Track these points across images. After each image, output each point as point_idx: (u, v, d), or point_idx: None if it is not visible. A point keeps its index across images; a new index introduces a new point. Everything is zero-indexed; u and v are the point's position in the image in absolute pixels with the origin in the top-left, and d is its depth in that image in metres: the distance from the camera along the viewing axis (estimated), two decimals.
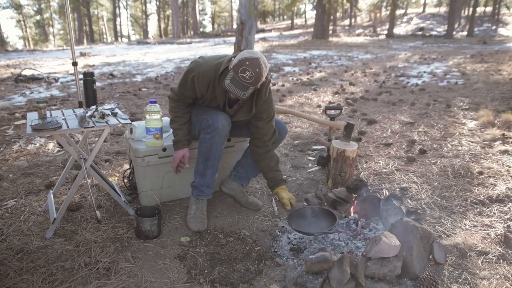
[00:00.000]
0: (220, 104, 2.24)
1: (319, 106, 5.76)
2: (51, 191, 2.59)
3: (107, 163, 3.37)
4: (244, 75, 1.94)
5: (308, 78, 8.59)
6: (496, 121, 4.50)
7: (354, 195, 2.46)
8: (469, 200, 2.63)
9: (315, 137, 4.02)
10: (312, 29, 23.90)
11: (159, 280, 1.84)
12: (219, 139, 2.17)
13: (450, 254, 2.00)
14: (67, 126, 2.11)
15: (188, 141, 2.33)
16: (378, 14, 31.77)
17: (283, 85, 7.70)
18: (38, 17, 41.98)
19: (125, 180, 2.82)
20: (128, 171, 2.80)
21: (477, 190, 2.77)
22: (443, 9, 36.85)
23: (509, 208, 2.50)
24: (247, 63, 1.94)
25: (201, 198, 2.34)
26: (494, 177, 2.98)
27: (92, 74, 2.66)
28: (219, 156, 2.25)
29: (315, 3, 24.66)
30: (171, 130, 2.71)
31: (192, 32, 33.81)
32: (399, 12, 33.15)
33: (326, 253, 1.78)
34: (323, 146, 3.59)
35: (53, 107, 5.67)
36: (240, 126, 2.37)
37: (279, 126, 2.44)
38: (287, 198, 2.31)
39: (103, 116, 2.23)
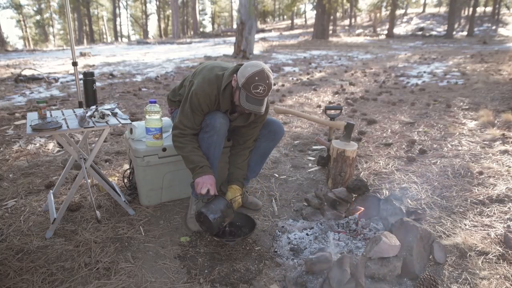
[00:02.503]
0: (222, 110, 2.24)
1: (319, 106, 5.76)
2: (51, 191, 2.59)
3: (107, 163, 3.37)
4: (258, 90, 1.97)
5: (308, 78, 8.59)
6: (496, 121, 4.50)
7: (354, 195, 2.46)
8: (469, 200, 2.63)
9: (315, 137, 4.02)
10: (312, 29, 23.90)
11: (159, 280, 1.84)
12: (218, 138, 2.17)
13: (450, 254, 2.00)
14: (67, 126, 2.11)
15: (211, 169, 2.21)
16: (378, 14, 31.76)
17: (283, 85, 7.71)
18: (38, 17, 41.99)
19: (125, 180, 2.82)
20: (128, 171, 2.80)
21: (477, 190, 2.77)
22: (443, 9, 36.85)
23: (509, 208, 2.50)
24: (257, 78, 1.97)
25: (201, 198, 2.34)
26: (494, 177, 2.98)
27: (92, 74, 2.66)
28: (218, 156, 2.26)
29: (315, 3, 24.66)
30: (171, 130, 2.72)
31: (192, 32, 33.81)
32: (399, 12, 33.15)
33: (326, 253, 1.78)
34: (323, 146, 3.59)
35: (53, 107, 5.67)
36: (237, 129, 2.39)
37: (276, 127, 2.44)
38: (230, 198, 2.30)
39: (103, 116, 2.24)
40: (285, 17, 49.18)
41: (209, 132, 2.16)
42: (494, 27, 28.03)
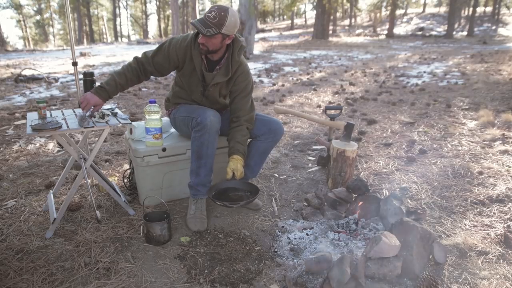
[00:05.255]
0: (197, 70, 2.30)
1: (319, 106, 5.76)
2: (51, 191, 2.59)
3: (107, 163, 3.37)
4: (209, 14, 2.07)
5: (308, 78, 8.59)
6: (496, 121, 4.50)
7: (354, 195, 2.46)
8: (469, 200, 2.63)
9: (315, 137, 4.02)
10: (312, 29, 23.91)
11: (159, 280, 1.84)
12: (209, 136, 2.18)
13: (450, 254, 2.00)
14: (67, 126, 2.11)
15: (109, 97, 2.26)
16: (378, 14, 31.76)
17: (283, 85, 7.70)
18: (38, 17, 41.99)
19: (125, 180, 2.82)
20: (128, 171, 2.80)
21: (477, 190, 2.77)
22: (443, 9, 36.84)
23: (509, 208, 2.50)
24: (216, 7, 2.10)
25: (198, 197, 2.35)
26: (494, 177, 2.98)
27: (92, 74, 2.65)
28: (212, 154, 2.26)
29: (315, 3, 24.66)
30: (171, 130, 2.73)
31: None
32: (399, 12, 33.14)
33: (326, 253, 1.78)
34: (323, 146, 3.59)
35: (53, 107, 5.67)
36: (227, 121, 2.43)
37: (276, 125, 2.44)
38: (232, 168, 2.30)
39: (103, 116, 2.23)
40: (285, 17, 49.17)
41: (200, 131, 2.17)
42: (494, 27, 28.03)
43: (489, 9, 34.17)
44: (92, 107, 2.15)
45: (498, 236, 2.17)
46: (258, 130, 2.44)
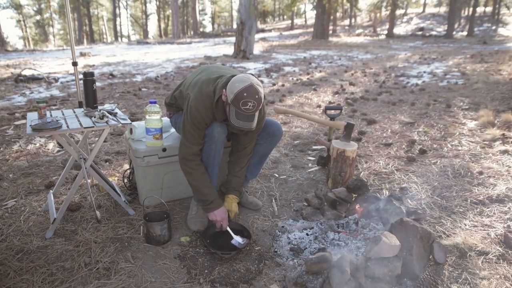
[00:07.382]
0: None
1: (319, 106, 5.75)
2: (51, 191, 2.59)
3: (107, 163, 3.37)
4: (247, 107, 1.91)
5: (308, 78, 8.59)
6: (496, 121, 4.50)
7: (354, 195, 2.46)
8: (469, 200, 2.63)
9: (315, 137, 4.02)
10: (312, 29, 23.90)
11: (159, 280, 1.84)
12: (216, 147, 2.17)
13: (450, 254, 2.00)
14: (67, 126, 2.11)
15: (219, 199, 2.24)
16: (378, 14, 31.74)
17: (283, 85, 7.70)
18: (38, 17, 41.96)
19: (125, 180, 2.82)
20: (128, 171, 2.80)
21: (477, 190, 2.77)
22: (443, 9, 36.83)
23: (509, 208, 2.50)
24: (245, 94, 1.90)
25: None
26: (494, 177, 2.98)
27: (92, 74, 2.66)
28: (218, 163, 2.27)
29: (315, 3, 24.66)
30: (171, 130, 2.73)
31: (192, 32, 33.82)
32: (399, 12, 33.12)
33: (326, 253, 1.78)
34: (323, 146, 3.59)
35: (53, 107, 5.67)
36: (236, 135, 2.39)
37: (274, 128, 2.44)
38: (226, 208, 2.30)
39: (102, 116, 2.24)
40: (285, 17, 49.17)
41: (208, 142, 2.15)
42: (494, 27, 28.01)
43: (489, 9, 34.14)
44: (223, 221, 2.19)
45: (498, 236, 2.17)
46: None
